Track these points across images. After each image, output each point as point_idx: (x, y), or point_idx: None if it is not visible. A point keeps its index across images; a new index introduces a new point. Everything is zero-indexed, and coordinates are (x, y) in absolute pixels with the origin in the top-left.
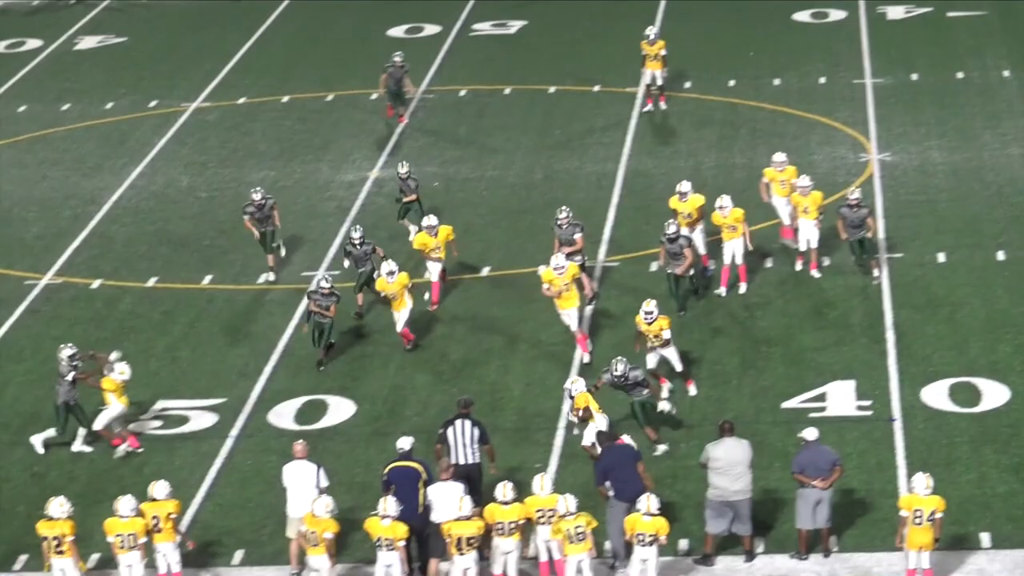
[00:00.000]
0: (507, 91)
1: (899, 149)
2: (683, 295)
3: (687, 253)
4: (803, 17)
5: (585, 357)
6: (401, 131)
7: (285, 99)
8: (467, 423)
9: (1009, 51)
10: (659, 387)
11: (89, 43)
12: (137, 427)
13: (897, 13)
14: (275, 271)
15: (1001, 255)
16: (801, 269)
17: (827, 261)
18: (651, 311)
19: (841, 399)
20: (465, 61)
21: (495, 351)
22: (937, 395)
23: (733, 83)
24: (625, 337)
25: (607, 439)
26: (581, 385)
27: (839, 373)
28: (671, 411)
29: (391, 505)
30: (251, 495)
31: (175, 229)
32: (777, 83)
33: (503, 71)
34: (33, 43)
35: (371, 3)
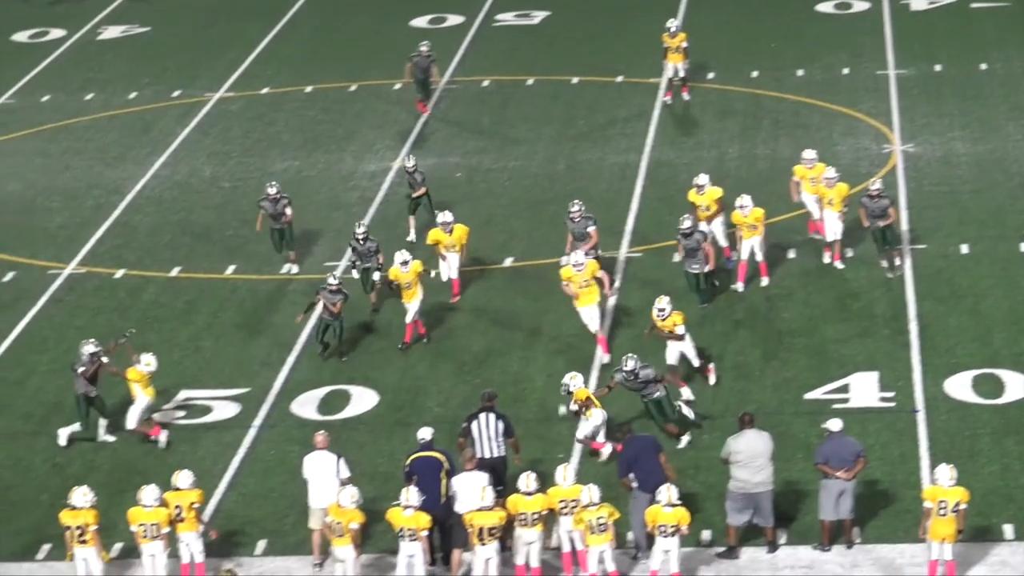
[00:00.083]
0: (530, 82)
1: (922, 140)
2: (707, 288)
3: (706, 248)
4: (826, 8)
5: (605, 357)
6: (424, 121)
7: (308, 89)
8: (491, 416)
9: None
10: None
11: (112, 33)
12: (161, 417)
13: (920, 4)
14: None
15: None
16: (829, 262)
17: (850, 253)
18: (663, 308)
19: (864, 390)
20: (488, 51)
21: (517, 342)
22: (960, 386)
23: (756, 74)
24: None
25: (624, 430)
26: (579, 380)
27: (862, 364)
28: (690, 415)
29: (413, 495)
30: (274, 485)
31: (198, 219)
32: (800, 74)
33: (526, 61)
34: (56, 33)
35: None
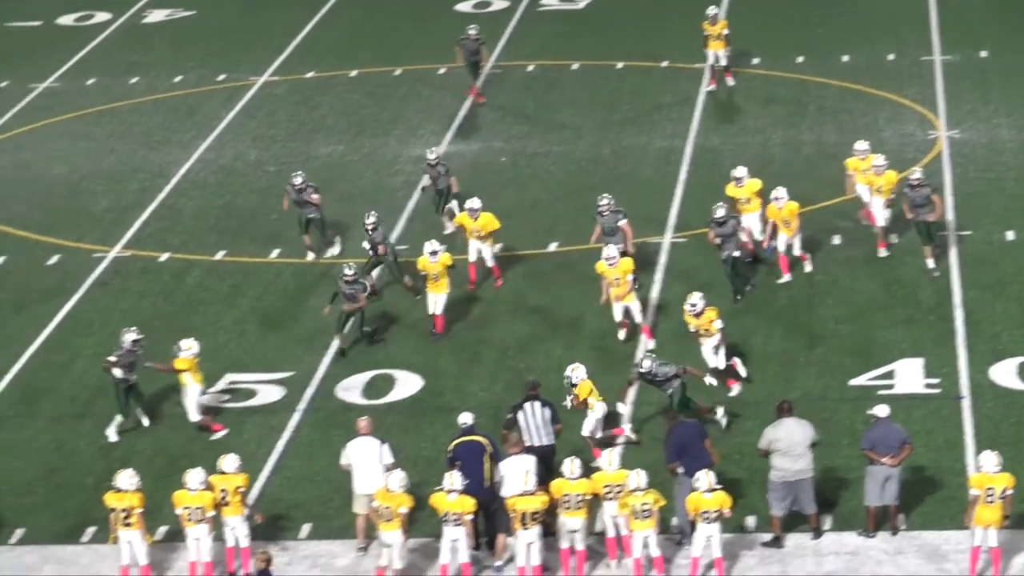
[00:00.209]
0: (575, 66)
1: (968, 127)
2: (739, 281)
3: (741, 235)
4: None
5: (650, 343)
6: (469, 105)
7: (353, 73)
8: (537, 404)
9: None
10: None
11: (157, 16)
12: (207, 401)
13: None
14: (314, 251)
15: None
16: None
17: (895, 239)
18: (695, 303)
19: (909, 377)
20: (533, 36)
21: (561, 327)
22: (1005, 373)
23: (801, 60)
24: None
25: (673, 416)
26: (582, 372)
27: (907, 351)
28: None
29: (457, 479)
30: (318, 469)
31: (243, 203)
32: (845, 60)
33: (571, 46)
34: (102, 16)
35: None
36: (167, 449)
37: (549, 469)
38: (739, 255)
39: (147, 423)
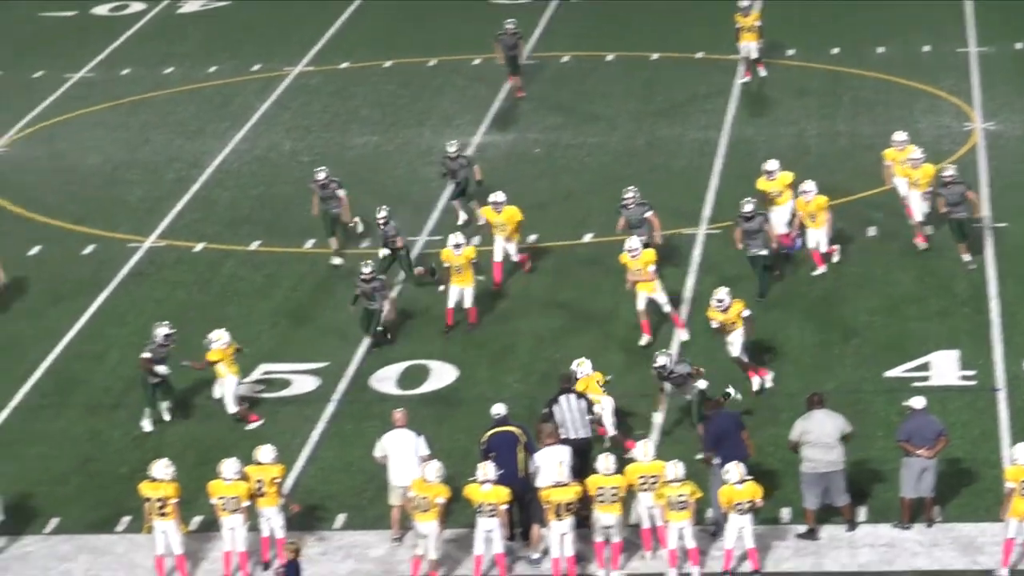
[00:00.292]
0: (609, 57)
1: (1003, 118)
2: (766, 281)
3: (768, 230)
4: None
5: (683, 334)
6: (504, 96)
7: (388, 64)
8: (572, 397)
9: None
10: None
11: (192, 6)
12: (243, 390)
13: None
14: (340, 255)
15: None
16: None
17: (930, 230)
18: (722, 299)
19: (944, 369)
20: (568, 27)
21: (596, 318)
22: None
23: (836, 51)
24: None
25: (713, 406)
26: (588, 367)
27: (942, 343)
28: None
29: (490, 469)
30: (353, 459)
31: (277, 193)
32: (881, 51)
33: (606, 37)
34: (136, 6)
35: None
36: (201, 439)
37: (585, 462)
38: (766, 253)
39: (168, 418)
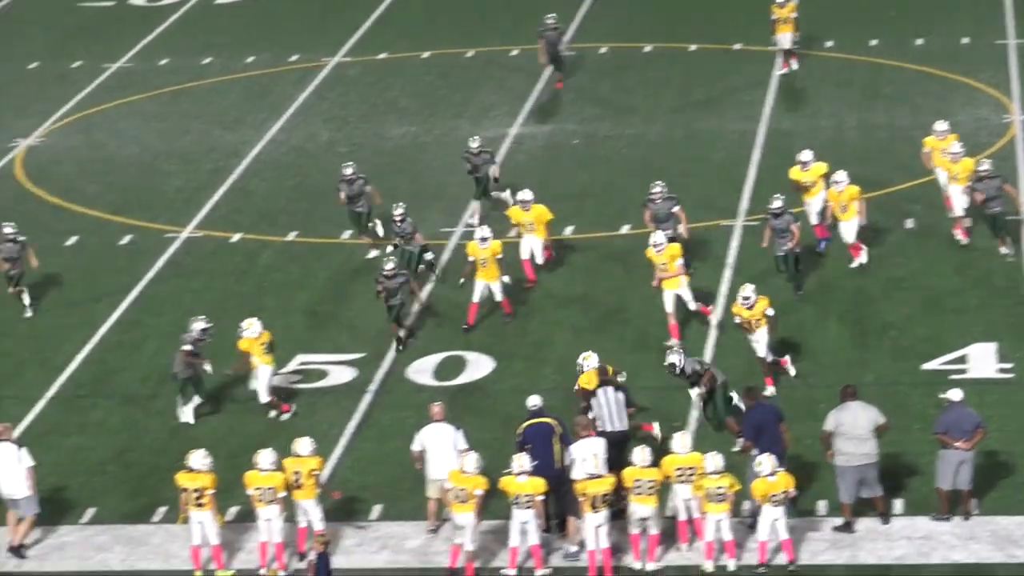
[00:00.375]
0: (647, 49)
1: None
2: (798, 274)
3: (794, 230)
4: None
5: (713, 320)
6: (542, 87)
7: (426, 55)
8: (611, 389)
9: None
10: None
11: None
12: (279, 382)
13: None
14: (375, 248)
15: None
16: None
17: (968, 222)
18: (748, 296)
19: (982, 362)
20: (606, 18)
21: (634, 309)
22: None
23: (875, 43)
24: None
25: (752, 397)
26: (594, 361)
27: (980, 335)
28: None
29: (525, 461)
30: (389, 451)
31: (315, 183)
32: (919, 43)
33: (644, 28)
34: None
35: None
36: (238, 430)
37: (622, 454)
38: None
39: (192, 421)
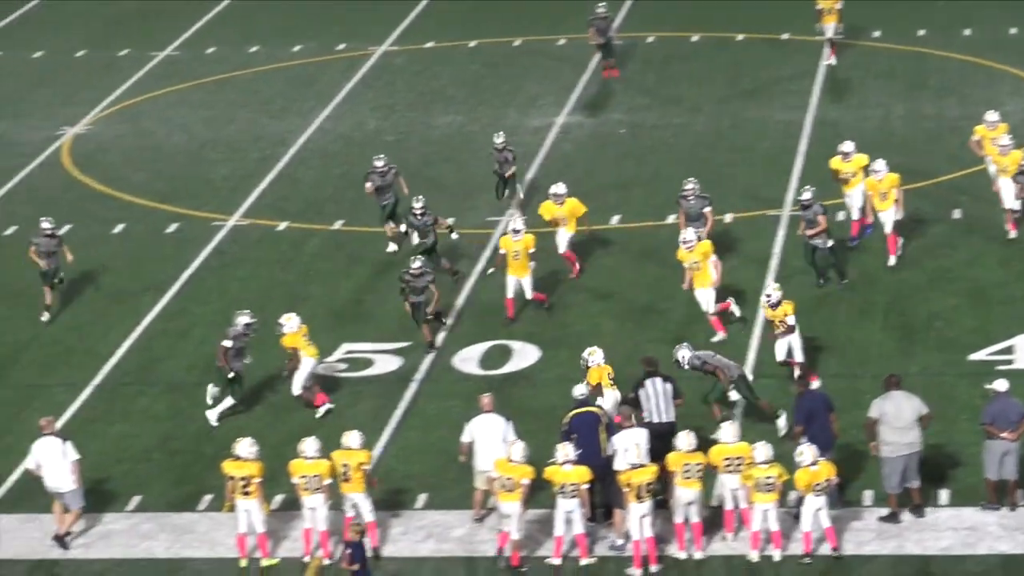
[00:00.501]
0: (695, 38)
1: None
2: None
3: (821, 220)
4: None
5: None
6: (588, 77)
7: (472, 44)
8: (658, 380)
9: None
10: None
11: None
12: (323, 369)
13: None
14: (396, 242)
15: None
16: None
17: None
18: (770, 294)
19: None
20: (653, 7)
21: (680, 298)
22: None
23: (922, 33)
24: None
25: (803, 386)
26: (599, 357)
27: None
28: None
29: (570, 450)
30: (434, 440)
31: (361, 172)
32: (967, 33)
33: (691, 18)
34: None
35: None
36: (283, 418)
37: (669, 446)
38: (831, 242)
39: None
